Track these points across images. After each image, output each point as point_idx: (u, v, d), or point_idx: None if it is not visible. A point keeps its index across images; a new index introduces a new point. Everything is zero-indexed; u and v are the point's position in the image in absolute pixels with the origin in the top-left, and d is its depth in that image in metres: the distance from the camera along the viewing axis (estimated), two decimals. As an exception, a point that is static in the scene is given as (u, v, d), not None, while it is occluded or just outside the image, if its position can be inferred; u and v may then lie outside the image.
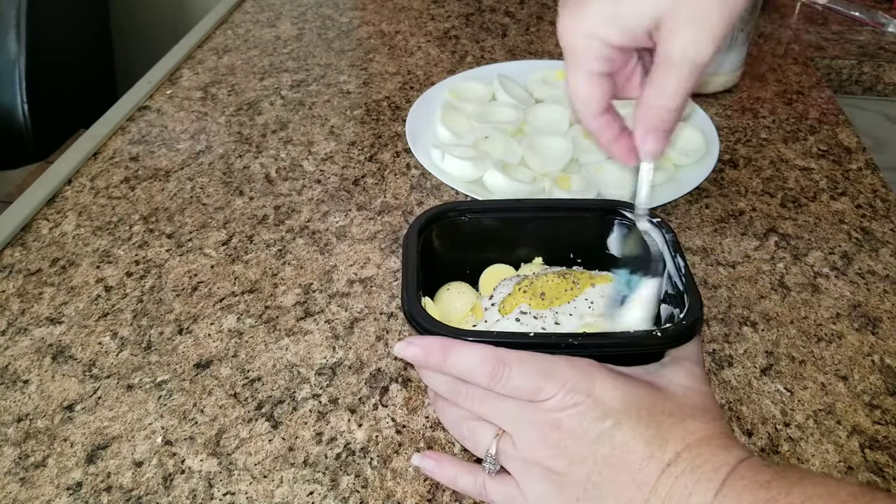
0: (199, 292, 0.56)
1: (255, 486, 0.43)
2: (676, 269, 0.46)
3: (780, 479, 0.31)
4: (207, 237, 0.62)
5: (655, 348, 0.43)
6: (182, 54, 0.90)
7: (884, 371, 0.49)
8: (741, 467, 0.33)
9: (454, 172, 0.65)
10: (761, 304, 0.54)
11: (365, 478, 0.43)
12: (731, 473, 0.32)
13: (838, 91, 0.92)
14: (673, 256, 0.47)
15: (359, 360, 0.50)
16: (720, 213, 0.63)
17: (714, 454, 0.33)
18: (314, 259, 0.59)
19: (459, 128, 0.72)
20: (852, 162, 0.70)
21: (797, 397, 0.47)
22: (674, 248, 0.47)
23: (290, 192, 0.67)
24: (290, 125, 0.77)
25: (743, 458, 0.33)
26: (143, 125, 0.77)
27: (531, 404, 0.36)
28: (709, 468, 0.33)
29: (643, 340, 0.41)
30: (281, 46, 0.93)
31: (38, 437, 0.46)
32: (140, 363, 0.50)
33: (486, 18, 1.00)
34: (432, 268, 0.49)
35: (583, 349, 0.39)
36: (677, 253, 0.47)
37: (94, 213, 0.65)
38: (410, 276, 0.44)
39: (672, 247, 0.48)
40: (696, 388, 0.38)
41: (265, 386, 0.49)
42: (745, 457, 0.34)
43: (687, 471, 0.33)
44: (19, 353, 0.52)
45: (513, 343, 0.40)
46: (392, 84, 0.84)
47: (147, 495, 0.42)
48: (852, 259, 0.58)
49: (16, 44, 1.23)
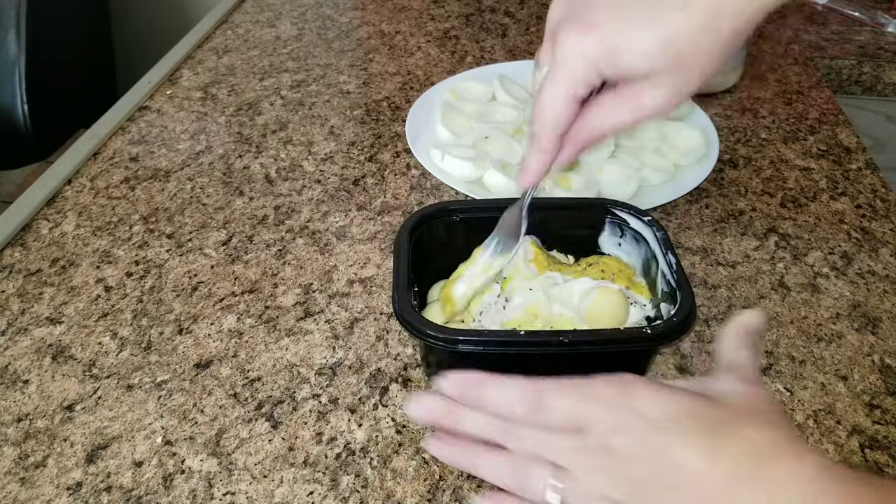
0: (199, 292, 0.56)
1: (255, 486, 0.43)
2: (668, 267, 0.46)
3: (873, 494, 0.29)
4: (207, 237, 0.62)
5: (646, 345, 0.43)
6: (182, 54, 0.90)
7: (883, 371, 0.49)
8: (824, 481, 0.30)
9: (454, 172, 0.65)
10: (761, 304, 0.54)
11: (365, 478, 0.43)
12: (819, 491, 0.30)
13: (838, 91, 0.92)
14: (664, 254, 0.47)
15: (359, 360, 0.50)
16: (720, 213, 0.63)
17: (784, 466, 0.31)
18: (314, 259, 0.59)
19: (459, 128, 0.72)
20: (852, 162, 0.70)
21: (797, 397, 0.47)
22: (665, 246, 0.47)
23: (290, 193, 0.67)
24: (290, 125, 0.77)
25: (817, 468, 0.31)
26: (143, 125, 0.77)
27: (580, 434, 0.34)
28: (789, 484, 0.30)
29: (634, 337, 0.42)
30: (281, 46, 0.93)
31: (38, 437, 0.46)
32: (140, 363, 0.50)
33: (486, 18, 1.00)
34: (426, 265, 0.50)
35: (573, 346, 0.40)
36: (668, 250, 0.47)
37: (94, 214, 0.65)
38: (402, 276, 0.45)
39: (663, 245, 0.48)
40: (749, 392, 0.35)
41: (265, 386, 0.49)
42: (819, 467, 0.31)
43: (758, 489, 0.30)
44: (19, 353, 0.52)
45: (505, 341, 0.40)
46: (392, 84, 0.84)
47: (147, 495, 0.42)
48: (852, 259, 0.58)
49: (16, 44, 1.23)
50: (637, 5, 0.35)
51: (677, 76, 0.35)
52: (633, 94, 0.37)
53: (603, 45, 0.35)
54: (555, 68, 0.37)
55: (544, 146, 0.39)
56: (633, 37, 0.35)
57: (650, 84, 0.36)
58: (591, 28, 0.36)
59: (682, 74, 0.35)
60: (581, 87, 0.37)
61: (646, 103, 0.36)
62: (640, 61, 0.35)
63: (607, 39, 0.35)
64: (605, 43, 0.35)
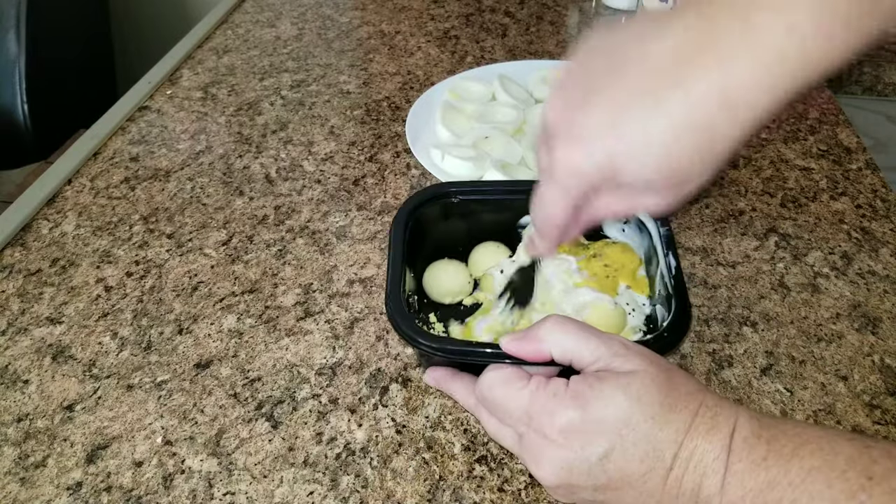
0: (199, 292, 0.56)
1: (255, 486, 0.43)
2: (668, 269, 0.46)
3: (776, 455, 0.32)
4: (207, 237, 0.62)
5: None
6: (182, 54, 0.90)
7: (884, 371, 0.49)
8: (736, 443, 0.33)
9: (454, 172, 0.65)
10: (761, 304, 0.54)
11: (365, 478, 0.43)
12: (730, 455, 0.32)
13: (838, 91, 0.92)
14: (665, 254, 0.47)
15: (359, 360, 0.50)
16: (720, 213, 0.63)
17: (709, 442, 0.33)
18: (314, 259, 0.59)
19: (459, 128, 0.72)
20: (852, 162, 0.70)
21: (797, 397, 0.47)
22: (667, 245, 0.47)
23: (290, 192, 0.67)
24: (290, 125, 0.77)
25: (734, 428, 0.33)
26: (144, 125, 0.77)
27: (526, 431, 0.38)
28: (710, 459, 0.33)
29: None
30: (281, 46, 0.93)
31: (38, 437, 0.46)
32: (140, 363, 0.50)
33: (486, 18, 1.00)
34: (424, 244, 0.51)
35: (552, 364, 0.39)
36: (670, 251, 0.47)
37: (94, 214, 0.65)
38: (394, 273, 0.45)
39: (665, 243, 0.47)
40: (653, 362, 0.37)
41: (265, 386, 0.49)
42: (735, 426, 0.33)
43: (689, 470, 0.33)
44: (19, 353, 0.52)
45: (484, 353, 0.40)
46: (392, 84, 0.84)
47: (147, 495, 0.42)
48: (852, 259, 0.58)
49: (15, 44, 1.23)
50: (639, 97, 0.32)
51: (675, 188, 0.35)
52: (632, 196, 0.36)
53: (596, 163, 0.34)
54: (550, 179, 0.36)
55: (546, 237, 0.40)
56: (629, 152, 0.33)
57: (651, 193, 0.35)
58: (585, 143, 0.34)
59: (680, 187, 0.35)
60: (577, 199, 0.36)
61: (646, 206, 0.36)
62: (636, 179, 0.34)
63: (599, 156, 0.33)
64: (598, 161, 0.34)
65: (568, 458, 0.35)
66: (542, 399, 0.36)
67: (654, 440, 0.34)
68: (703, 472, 0.33)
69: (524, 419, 0.37)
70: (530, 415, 0.37)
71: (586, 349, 0.37)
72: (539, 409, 0.36)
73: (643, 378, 0.35)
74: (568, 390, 0.36)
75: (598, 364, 0.37)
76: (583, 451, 0.35)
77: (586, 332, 0.37)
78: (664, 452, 0.34)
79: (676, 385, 0.35)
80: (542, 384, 0.37)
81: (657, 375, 0.35)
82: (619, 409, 0.35)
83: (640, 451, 0.34)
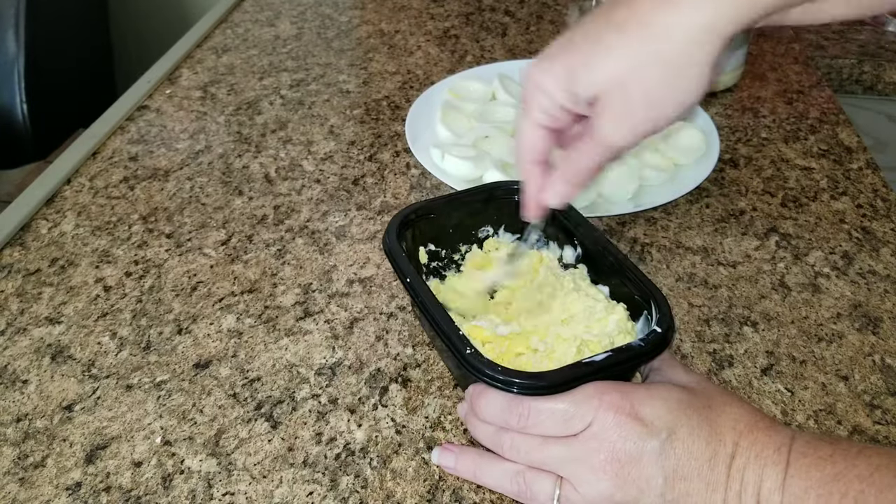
0: (199, 292, 0.56)
1: (255, 486, 0.42)
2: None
3: (842, 452, 0.33)
4: (207, 237, 0.62)
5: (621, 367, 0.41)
6: (181, 54, 0.90)
7: (884, 371, 0.49)
8: (798, 444, 0.34)
9: (454, 172, 0.64)
10: (762, 303, 0.54)
11: (364, 478, 0.43)
12: (791, 452, 0.33)
13: (839, 90, 0.91)
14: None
15: (358, 360, 0.50)
16: (720, 212, 0.63)
17: (768, 436, 0.34)
18: (314, 259, 0.59)
19: (459, 127, 0.71)
20: (853, 161, 0.70)
21: (798, 397, 0.47)
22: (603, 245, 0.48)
23: (290, 192, 0.67)
24: (289, 125, 0.77)
25: (794, 433, 0.34)
26: (143, 125, 0.77)
27: (576, 440, 0.36)
28: (770, 451, 0.34)
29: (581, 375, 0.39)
30: (280, 46, 0.93)
31: (37, 437, 0.46)
32: (139, 363, 0.50)
33: (486, 18, 1.00)
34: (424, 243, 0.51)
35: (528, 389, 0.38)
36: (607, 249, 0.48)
37: (93, 213, 0.65)
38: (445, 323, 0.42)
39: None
40: (701, 380, 0.39)
41: (265, 386, 0.49)
42: (794, 433, 0.34)
43: (751, 459, 0.34)
44: (18, 353, 0.51)
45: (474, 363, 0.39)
46: (392, 83, 0.84)
47: (146, 495, 0.42)
48: (853, 259, 0.58)
49: (14, 43, 1.23)
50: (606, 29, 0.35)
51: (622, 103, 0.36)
52: (589, 129, 0.38)
53: (559, 76, 0.37)
54: (521, 101, 0.39)
55: (522, 173, 0.42)
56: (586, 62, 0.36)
57: (598, 115, 0.37)
58: (548, 59, 0.37)
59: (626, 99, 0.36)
60: (538, 115, 0.39)
61: (595, 134, 0.37)
62: (592, 82, 0.36)
63: (564, 70, 0.36)
64: (562, 73, 0.37)
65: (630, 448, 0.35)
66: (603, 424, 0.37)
67: (715, 424, 0.35)
68: (765, 463, 0.33)
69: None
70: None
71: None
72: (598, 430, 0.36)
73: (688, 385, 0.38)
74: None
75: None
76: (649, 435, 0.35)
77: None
78: (725, 437, 0.35)
79: (726, 393, 0.39)
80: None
81: (704, 380, 0.40)
82: (678, 395, 0.36)
83: (704, 431, 0.35)
